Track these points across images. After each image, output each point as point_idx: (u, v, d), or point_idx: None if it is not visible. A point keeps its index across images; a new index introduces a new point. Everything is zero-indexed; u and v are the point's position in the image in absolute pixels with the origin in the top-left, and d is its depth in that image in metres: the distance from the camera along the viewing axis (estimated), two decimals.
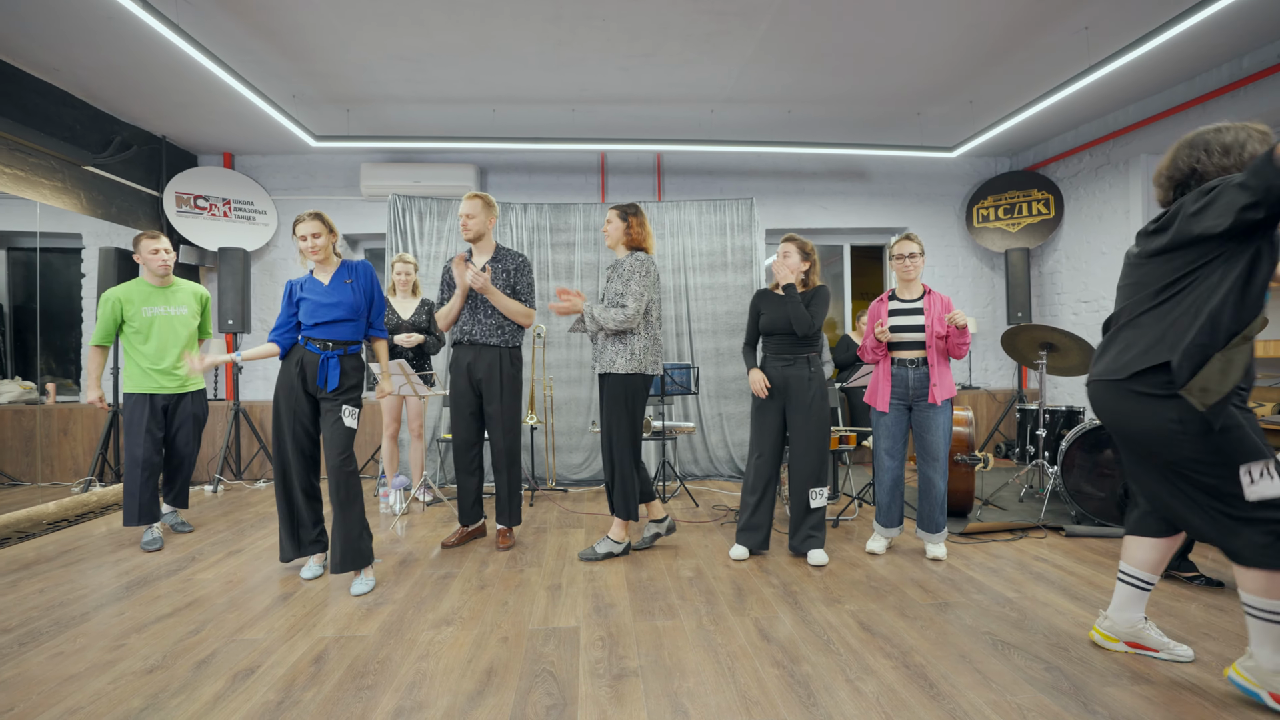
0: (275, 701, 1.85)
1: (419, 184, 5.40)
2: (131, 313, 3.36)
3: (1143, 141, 4.87)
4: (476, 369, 3.19)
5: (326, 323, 2.76)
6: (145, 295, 3.41)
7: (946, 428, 2.99)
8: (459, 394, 3.22)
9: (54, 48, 3.75)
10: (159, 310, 3.42)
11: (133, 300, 3.37)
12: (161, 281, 3.46)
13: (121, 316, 3.35)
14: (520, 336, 3.28)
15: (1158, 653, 2.04)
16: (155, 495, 3.41)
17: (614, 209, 3.12)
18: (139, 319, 3.37)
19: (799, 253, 3.08)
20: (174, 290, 3.49)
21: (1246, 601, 1.74)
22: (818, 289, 3.09)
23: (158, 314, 3.41)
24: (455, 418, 3.25)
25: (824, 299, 3.06)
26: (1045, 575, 2.83)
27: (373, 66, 4.12)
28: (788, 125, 5.25)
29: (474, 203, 3.18)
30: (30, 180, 4.06)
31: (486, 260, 3.24)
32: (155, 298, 3.43)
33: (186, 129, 5.05)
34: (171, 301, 3.46)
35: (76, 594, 2.74)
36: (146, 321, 3.38)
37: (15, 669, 2.06)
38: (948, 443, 3.01)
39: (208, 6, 3.41)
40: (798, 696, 1.85)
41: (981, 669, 1.99)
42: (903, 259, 3.06)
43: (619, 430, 3.05)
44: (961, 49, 4.04)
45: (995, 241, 5.95)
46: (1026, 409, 4.60)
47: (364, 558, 2.75)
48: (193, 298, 3.56)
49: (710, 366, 5.27)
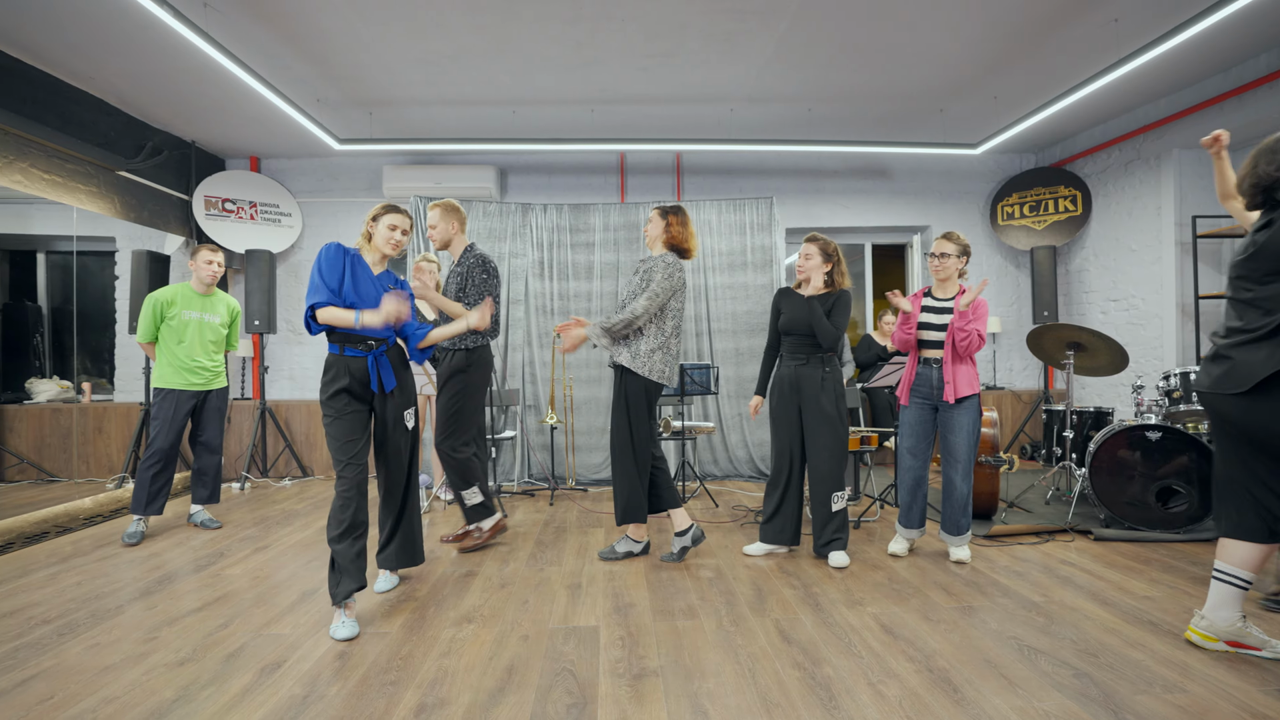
0: (301, 695, 1.88)
1: (440, 185, 5.46)
2: (172, 313, 3.59)
3: (1175, 135, 4.75)
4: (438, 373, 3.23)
5: None
6: (187, 299, 3.66)
7: (970, 429, 2.94)
8: None
9: (91, 56, 3.86)
10: (195, 315, 3.65)
11: (175, 302, 3.62)
12: (206, 290, 3.71)
13: (162, 316, 3.58)
14: (473, 338, 3.17)
15: (1260, 650, 2.03)
16: (163, 488, 3.60)
17: (656, 208, 3.09)
18: (177, 320, 3.60)
19: (820, 254, 3.05)
20: (213, 299, 3.75)
21: None
22: (840, 294, 3.03)
23: (193, 319, 3.65)
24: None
25: (845, 305, 3.02)
26: (1073, 580, 2.77)
27: (395, 69, 4.17)
28: (808, 124, 5.21)
29: (434, 212, 3.18)
30: (67, 185, 4.19)
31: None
32: (195, 303, 3.68)
33: (215, 134, 5.17)
34: (208, 309, 3.71)
35: (111, 587, 2.82)
36: (183, 323, 3.62)
37: (55, 659, 2.13)
38: (972, 445, 2.96)
39: (236, 14, 3.48)
40: (819, 699, 1.83)
41: (1007, 674, 1.96)
42: (934, 257, 3.02)
43: (617, 430, 2.99)
44: (986, 44, 3.97)
45: (1020, 239, 5.84)
46: (1053, 410, 4.51)
47: (421, 556, 2.77)
48: (225, 308, 3.82)
49: (730, 366, 5.25)
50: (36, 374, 4.70)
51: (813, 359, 3.01)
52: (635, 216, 5.33)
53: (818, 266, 3.04)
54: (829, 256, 3.05)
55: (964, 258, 3.02)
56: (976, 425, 2.96)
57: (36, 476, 4.76)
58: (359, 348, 2.47)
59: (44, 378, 4.74)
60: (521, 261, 5.26)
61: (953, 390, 2.91)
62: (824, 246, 3.06)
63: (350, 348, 2.46)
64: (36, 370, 4.70)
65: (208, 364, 3.69)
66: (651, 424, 3.04)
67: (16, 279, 4.62)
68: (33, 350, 4.70)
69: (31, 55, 3.84)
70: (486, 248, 5.22)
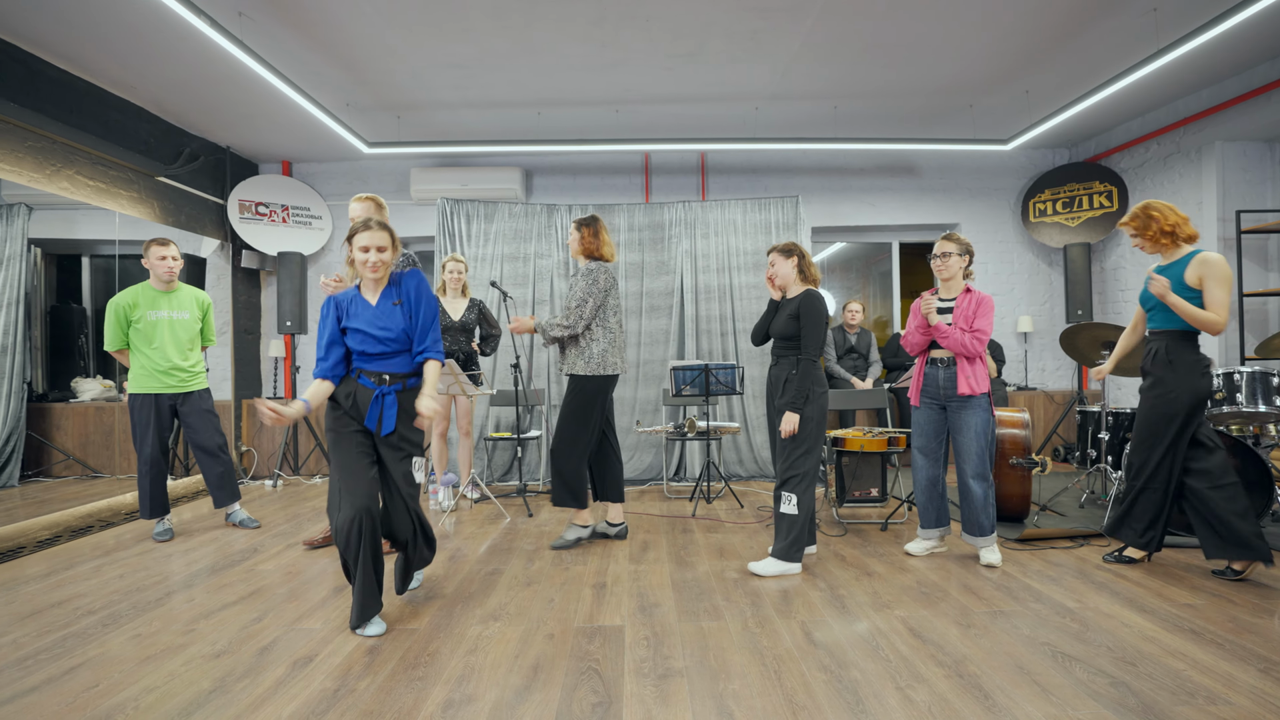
0: (332, 689, 1.92)
1: (466, 187, 5.52)
2: (137, 316, 3.50)
3: (1217, 128, 4.59)
4: None
5: (378, 355, 2.33)
6: (150, 299, 3.55)
7: (980, 428, 2.91)
8: None
9: (132, 66, 3.99)
10: (163, 314, 3.56)
11: (137, 304, 3.51)
12: (166, 286, 3.60)
13: (127, 320, 3.50)
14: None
15: None
16: (165, 490, 3.59)
17: (574, 221, 3.34)
18: (144, 322, 3.51)
19: (780, 256, 3.07)
20: (177, 295, 3.64)
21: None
22: (803, 295, 2.94)
23: (161, 318, 3.55)
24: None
25: (812, 308, 2.88)
26: (1109, 586, 2.70)
27: (423, 74, 4.23)
28: (834, 121, 5.16)
29: (368, 205, 3.26)
30: (110, 191, 4.33)
31: None
32: (160, 302, 3.57)
33: (249, 139, 5.30)
34: (174, 306, 3.61)
35: (152, 580, 2.91)
36: (151, 325, 3.52)
37: (100, 648, 2.21)
38: (982, 444, 2.92)
39: (269, 23, 3.57)
40: (846, 703, 1.81)
41: (1040, 681, 1.92)
42: (935, 258, 3.04)
43: (566, 426, 3.22)
44: (1017, 37, 3.89)
45: (1053, 236, 5.70)
46: (1087, 411, 4.40)
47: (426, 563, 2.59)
48: (194, 302, 3.69)
49: (755, 366, 5.22)
50: (81, 373, 4.87)
51: (783, 360, 3.04)
52: (660, 217, 5.33)
53: (782, 273, 3.05)
54: (789, 254, 3.05)
55: (966, 256, 3.01)
56: (986, 424, 2.92)
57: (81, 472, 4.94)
58: (371, 379, 2.32)
59: (88, 377, 4.91)
60: (547, 262, 5.29)
61: (960, 385, 2.92)
62: (786, 249, 3.07)
63: (365, 376, 2.33)
64: (81, 370, 4.88)
65: (183, 364, 3.58)
66: (604, 416, 3.32)
67: (63, 282, 4.80)
68: (77, 350, 4.88)
69: (79, 67, 3.98)
70: (512, 248, 5.28)
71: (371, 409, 2.31)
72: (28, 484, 4.35)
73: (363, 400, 2.33)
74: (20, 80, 3.71)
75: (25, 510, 3.83)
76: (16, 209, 4.04)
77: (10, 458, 4.18)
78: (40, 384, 4.62)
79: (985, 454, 2.93)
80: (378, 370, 2.34)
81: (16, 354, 4.10)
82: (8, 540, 3.41)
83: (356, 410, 2.34)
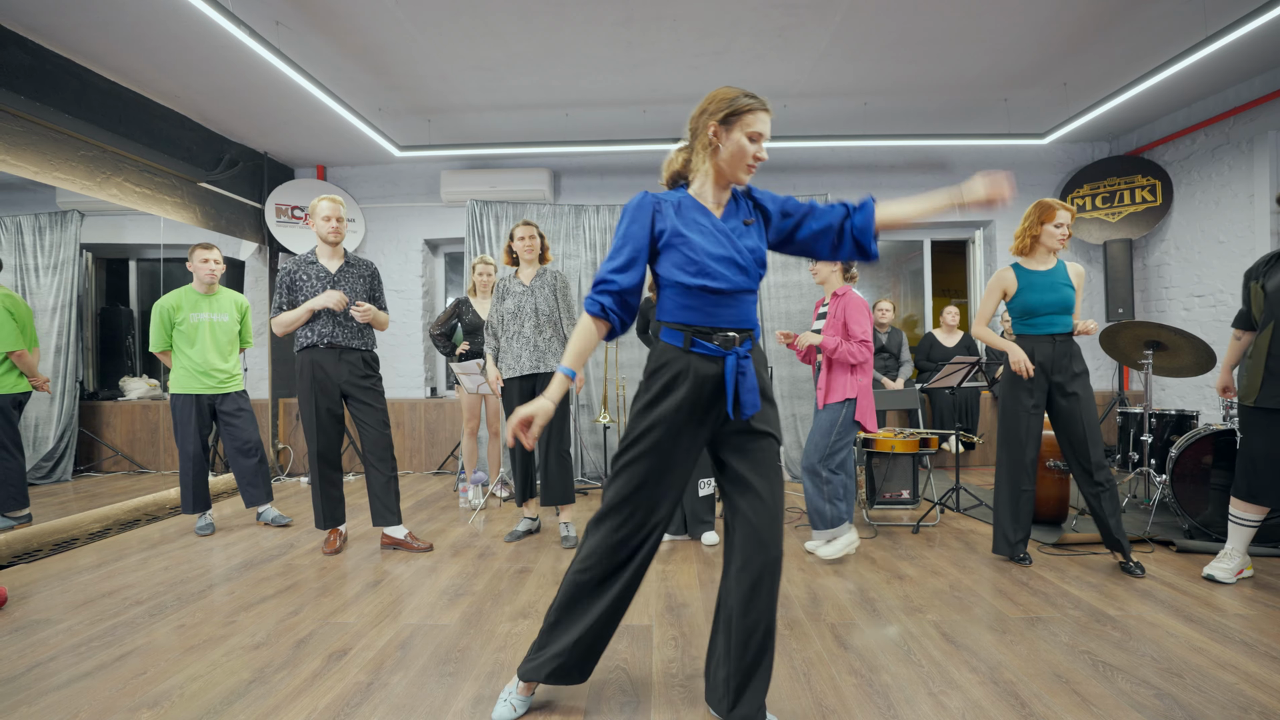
0: (366, 683, 1.97)
1: (495, 189, 5.58)
2: (180, 318, 3.62)
3: (1271, 117, 4.40)
4: (339, 372, 3.20)
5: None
6: (193, 302, 3.67)
7: (822, 428, 3.07)
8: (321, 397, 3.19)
9: (176, 75, 4.13)
10: (204, 316, 3.68)
11: (180, 307, 3.63)
12: (208, 289, 3.72)
13: (171, 322, 3.62)
14: (375, 340, 3.40)
15: None
16: (206, 485, 3.73)
17: (534, 224, 3.41)
18: (186, 324, 3.62)
19: None
20: (218, 298, 3.76)
21: None
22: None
23: (202, 320, 3.67)
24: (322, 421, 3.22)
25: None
26: (1153, 593, 2.61)
27: (452, 78, 4.30)
28: (864, 118, 5.08)
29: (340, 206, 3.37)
30: (155, 197, 4.49)
31: (340, 264, 3.30)
32: (201, 304, 3.69)
33: (285, 145, 5.44)
34: (215, 308, 3.73)
35: (195, 572, 3.01)
36: (193, 327, 3.64)
37: (146, 637, 2.29)
38: (818, 443, 3.05)
39: (304, 31, 3.66)
40: (876, 707, 1.79)
41: (1080, 690, 1.86)
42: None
43: (558, 426, 3.32)
44: (1054, 27, 3.78)
45: (1092, 233, 5.53)
46: (1129, 412, 4.26)
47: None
48: (233, 305, 3.82)
49: (784, 366, 5.17)
50: (128, 373, 5.06)
51: None
52: None
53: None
54: None
55: (839, 274, 3.17)
56: (826, 427, 3.04)
57: (129, 468, 5.13)
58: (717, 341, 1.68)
59: (135, 376, 5.09)
60: (575, 263, 5.32)
61: (821, 397, 3.11)
62: None
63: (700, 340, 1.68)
64: (128, 369, 5.06)
65: (222, 365, 3.70)
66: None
67: (111, 285, 4.98)
68: (125, 351, 5.07)
69: (126, 77, 4.13)
70: None
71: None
72: (80, 478, 4.53)
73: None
74: (74, 92, 3.87)
75: (78, 504, 4.00)
76: (70, 215, 4.22)
77: (64, 453, 4.37)
78: (91, 383, 4.81)
79: (817, 452, 3.05)
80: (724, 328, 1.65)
81: (70, 354, 4.28)
82: (62, 532, 3.57)
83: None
